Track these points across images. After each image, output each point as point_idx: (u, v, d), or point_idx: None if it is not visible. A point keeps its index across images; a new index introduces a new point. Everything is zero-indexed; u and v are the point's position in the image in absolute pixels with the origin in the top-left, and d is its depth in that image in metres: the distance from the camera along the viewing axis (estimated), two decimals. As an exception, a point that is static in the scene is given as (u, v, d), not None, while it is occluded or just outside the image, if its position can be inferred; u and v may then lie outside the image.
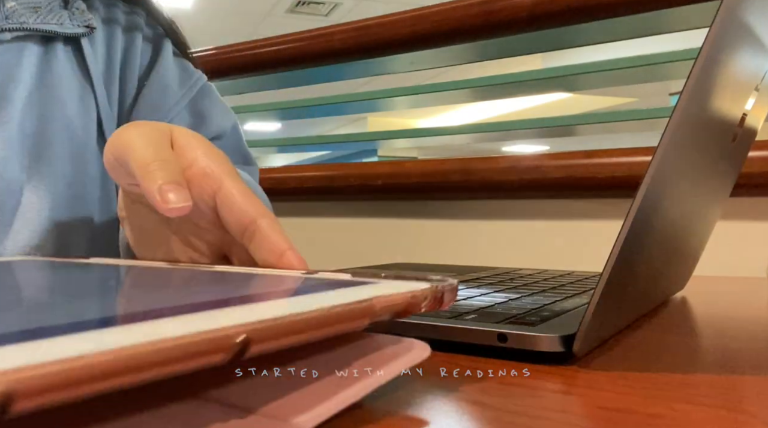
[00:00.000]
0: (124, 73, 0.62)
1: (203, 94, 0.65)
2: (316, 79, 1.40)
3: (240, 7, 4.49)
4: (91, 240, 0.56)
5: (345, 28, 1.17)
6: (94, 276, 0.28)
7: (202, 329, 0.14)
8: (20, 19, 0.55)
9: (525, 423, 0.20)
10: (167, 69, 0.63)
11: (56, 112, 0.56)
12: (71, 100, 0.57)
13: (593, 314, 0.26)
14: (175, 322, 0.14)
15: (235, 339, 0.14)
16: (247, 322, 0.15)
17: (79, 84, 0.58)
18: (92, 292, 0.24)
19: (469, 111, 6.24)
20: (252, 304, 0.17)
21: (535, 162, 0.98)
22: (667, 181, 0.28)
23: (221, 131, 0.64)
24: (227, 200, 0.32)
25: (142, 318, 0.15)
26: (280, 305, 0.18)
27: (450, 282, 0.23)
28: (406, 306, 0.20)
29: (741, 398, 0.23)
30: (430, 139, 1.59)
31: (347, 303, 0.18)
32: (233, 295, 0.20)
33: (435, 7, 1.08)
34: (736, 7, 0.26)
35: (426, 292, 0.21)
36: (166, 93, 0.62)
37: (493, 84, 1.29)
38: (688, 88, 0.25)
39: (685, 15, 0.97)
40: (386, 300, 0.20)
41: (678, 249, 0.39)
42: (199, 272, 0.28)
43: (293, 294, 0.21)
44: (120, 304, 0.21)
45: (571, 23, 1.00)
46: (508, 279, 0.50)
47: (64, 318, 0.15)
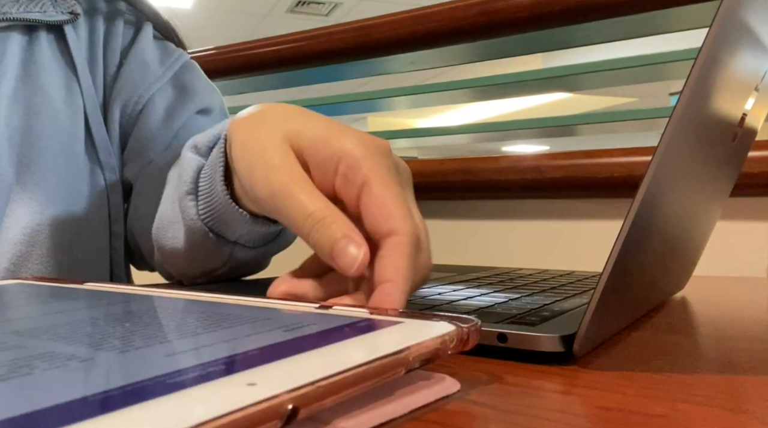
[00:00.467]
0: (106, 55, 0.61)
1: (186, 69, 0.64)
2: (316, 79, 1.40)
3: (240, 7, 4.49)
4: (81, 233, 0.56)
5: (345, 28, 1.17)
6: (93, 313, 0.27)
7: (254, 399, 0.14)
8: (2, 9, 0.55)
9: (525, 423, 0.20)
10: (146, 48, 0.63)
11: (43, 104, 0.55)
12: (57, 91, 0.56)
13: (593, 314, 0.26)
14: (231, 389, 0.15)
15: (287, 406, 0.15)
16: (295, 388, 0.15)
17: (63, 72, 0.58)
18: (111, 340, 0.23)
19: (469, 111, 6.24)
20: (295, 359, 0.18)
21: (535, 162, 0.98)
22: (667, 181, 0.28)
23: (209, 105, 0.63)
24: (371, 207, 0.30)
25: (192, 382, 0.15)
26: (324, 360, 0.18)
27: (474, 323, 0.23)
28: (436, 352, 0.21)
29: (741, 398, 0.23)
30: (430, 139, 1.59)
31: (385, 355, 0.19)
32: (270, 343, 0.20)
33: (435, 7, 1.08)
34: (736, 7, 0.26)
35: (453, 335, 0.22)
36: (146, 70, 0.61)
37: (493, 84, 1.29)
38: (688, 88, 0.25)
39: (685, 15, 0.97)
40: (419, 348, 0.20)
41: (678, 249, 0.39)
42: (203, 304, 0.27)
43: (329, 342, 0.21)
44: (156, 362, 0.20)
45: (571, 23, 1.00)
46: (508, 279, 0.50)
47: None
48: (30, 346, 0.20)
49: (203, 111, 0.63)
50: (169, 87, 0.62)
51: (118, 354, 0.19)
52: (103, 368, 0.17)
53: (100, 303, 0.29)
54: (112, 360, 0.18)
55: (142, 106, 0.60)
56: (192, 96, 0.62)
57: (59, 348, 0.19)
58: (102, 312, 0.27)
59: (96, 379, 0.16)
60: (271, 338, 0.21)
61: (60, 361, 0.18)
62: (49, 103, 0.56)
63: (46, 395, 0.14)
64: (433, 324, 0.22)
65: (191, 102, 0.62)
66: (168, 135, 0.60)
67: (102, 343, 0.20)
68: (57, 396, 0.14)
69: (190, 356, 0.19)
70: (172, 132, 0.60)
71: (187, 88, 0.62)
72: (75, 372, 0.17)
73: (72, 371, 0.17)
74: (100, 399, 0.14)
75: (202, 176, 0.43)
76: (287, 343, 0.20)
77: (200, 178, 0.43)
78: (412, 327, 0.22)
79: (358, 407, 0.19)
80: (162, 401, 0.14)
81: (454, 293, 0.41)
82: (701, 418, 0.20)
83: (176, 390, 0.15)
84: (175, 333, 0.22)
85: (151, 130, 0.60)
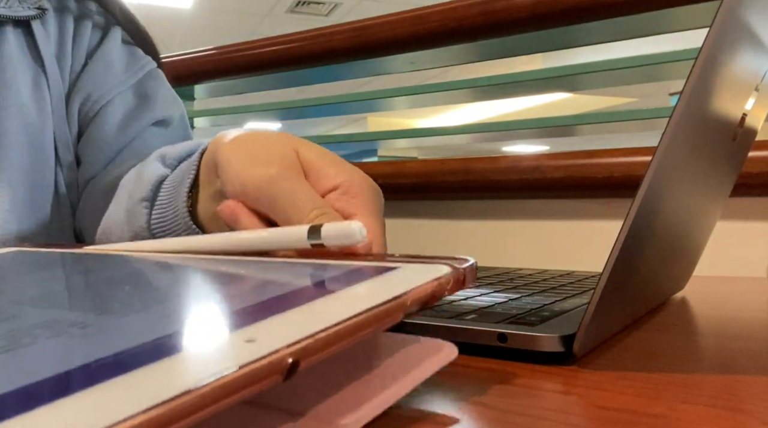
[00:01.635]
0: (74, 52, 0.61)
1: (150, 77, 0.64)
2: (316, 79, 1.40)
3: (240, 7, 4.49)
4: (48, 227, 0.55)
5: (345, 28, 1.17)
6: (104, 274, 0.27)
7: (254, 356, 0.14)
8: None
9: (525, 423, 0.20)
10: (113, 50, 0.63)
11: (10, 98, 0.55)
12: (24, 85, 0.56)
13: (593, 314, 0.26)
14: (230, 347, 0.15)
15: (287, 360, 0.15)
16: (295, 341, 0.15)
17: (30, 68, 0.58)
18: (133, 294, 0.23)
19: (469, 111, 6.24)
20: (292, 312, 0.18)
21: (535, 162, 0.98)
22: (667, 181, 0.28)
23: (168, 117, 0.63)
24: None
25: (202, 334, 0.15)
26: (322, 311, 0.18)
27: (470, 263, 0.23)
28: (433, 294, 0.21)
29: (741, 398, 0.23)
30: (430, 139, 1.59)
31: (383, 302, 0.18)
32: (266, 298, 0.20)
33: (435, 7, 1.08)
34: (736, 7, 0.26)
35: (449, 276, 0.21)
36: (109, 72, 0.61)
37: (493, 84, 1.29)
38: (688, 88, 0.25)
39: (685, 15, 0.97)
40: (416, 292, 0.20)
41: (678, 249, 0.39)
42: (216, 263, 0.27)
43: (325, 293, 0.20)
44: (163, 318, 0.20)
45: (572, 23, 1.00)
46: (508, 279, 0.50)
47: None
48: (31, 315, 0.20)
49: (161, 122, 0.63)
50: (130, 93, 0.62)
51: (118, 318, 0.19)
52: (103, 334, 0.17)
53: (100, 266, 0.29)
54: (112, 324, 0.18)
55: (100, 106, 0.60)
56: (152, 106, 0.62)
57: (60, 315, 0.20)
58: (101, 276, 0.27)
59: (97, 346, 0.16)
60: (267, 293, 0.21)
61: (61, 328, 0.18)
62: (17, 98, 0.55)
63: (46, 364, 0.14)
64: (429, 267, 0.22)
65: (150, 112, 0.62)
66: (121, 141, 0.60)
67: (102, 308, 0.20)
68: (58, 365, 0.14)
69: (188, 316, 0.19)
70: (125, 140, 0.60)
71: (148, 97, 0.62)
72: (77, 339, 0.17)
73: (74, 338, 0.17)
74: (100, 365, 0.14)
75: (164, 186, 0.43)
76: (283, 297, 0.20)
77: (162, 187, 0.43)
78: (407, 272, 0.22)
79: (357, 399, 0.19)
80: (162, 363, 0.14)
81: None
82: (701, 418, 0.20)
83: (176, 353, 0.15)
84: (172, 295, 0.22)
85: (105, 133, 0.60)
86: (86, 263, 0.31)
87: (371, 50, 1.17)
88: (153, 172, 0.43)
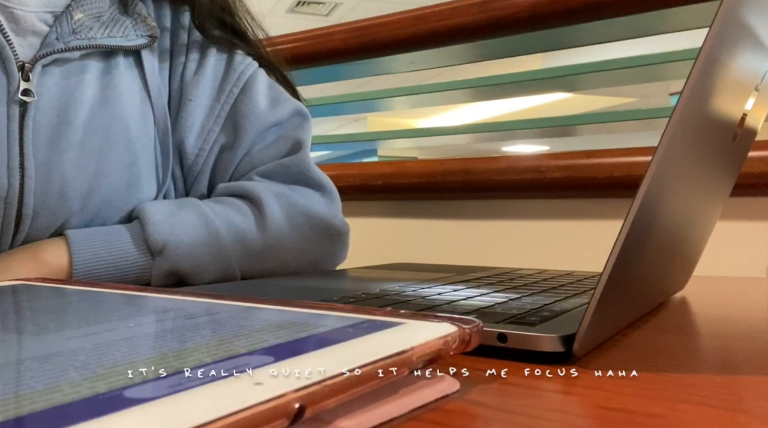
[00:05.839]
0: (171, 74, 0.61)
1: (242, 97, 0.63)
2: (316, 79, 1.40)
3: (240, 7, 4.49)
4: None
5: (345, 28, 1.17)
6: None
7: (261, 398, 0.14)
8: (88, 33, 0.53)
9: (525, 423, 0.20)
10: (205, 85, 0.61)
11: (119, 135, 0.54)
12: (133, 118, 0.55)
13: (593, 314, 0.26)
14: (238, 388, 0.15)
15: (293, 405, 0.15)
16: (302, 387, 0.15)
17: (139, 98, 0.57)
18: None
19: (469, 111, 6.24)
20: (300, 359, 0.18)
21: (535, 162, 0.98)
22: (667, 181, 0.28)
23: (254, 140, 0.62)
24: None
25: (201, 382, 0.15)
26: (329, 361, 0.18)
27: (476, 324, 0.23)
28: (438, 353, 0.21)
29: (741, 398, 0.23)
30: (430, 139, 1.59)
31: (390, 355, 0.19)
32: (276, 343, 0.20)
33: (435, 7, 1.08)
34: (736, 7, 0.26)
35: (455, 336, 0.22)
36: (204, 113, 0.61)
37: (493, 84, 1.29)
38: (688, 88, 0.25)
39: (685, 15, 0.97)
40: (422, 349, 0.20)
41: (678, 249, 0.39)
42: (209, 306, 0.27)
43: (335, 341, 0.21)
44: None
45: (572, 23, 1.00)
46: (508, 279, 0.50)
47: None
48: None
49: (263, 134, 0.63)
50: (222, 136, 0.62)
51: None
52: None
53: (102, 301, 0.29)
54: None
55: (202, 161, 0.61)
56: (242, 138, 0.62)
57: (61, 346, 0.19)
58: (119, 314, 0.27)
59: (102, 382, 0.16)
60: (277, 338, 0.21)
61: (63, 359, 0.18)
62: (125, 132, 0.54)
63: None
64: (436, 325, 0.22)
65: (240, 144, 0.62)
66: (229, 169, 0.62)
67: (109, 347, 0.20)
68: (57, 399, 0.14)
69: (198, 356, 0.19)
70: (232, 165, 0.62)
71: (236, 132, 0.62)
72: (68, 371, 0.17)
73: (65, 371, 0.17)
74: (106, 399, 0.14)
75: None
76: (293, 343, 0.20)
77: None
78: (414, 328, 0.22)
79: (359, 407, 0.19)
80: (170, 400, 0.14)
81: (454, 293, 0.41)
82: (701, 418, 0.20)
83: (183, 391, 0.15)
84: (182, 333, 0.22)
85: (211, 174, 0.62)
86: (88, 300, 0.30)
87: (371, 50, 1.17)
88: None
